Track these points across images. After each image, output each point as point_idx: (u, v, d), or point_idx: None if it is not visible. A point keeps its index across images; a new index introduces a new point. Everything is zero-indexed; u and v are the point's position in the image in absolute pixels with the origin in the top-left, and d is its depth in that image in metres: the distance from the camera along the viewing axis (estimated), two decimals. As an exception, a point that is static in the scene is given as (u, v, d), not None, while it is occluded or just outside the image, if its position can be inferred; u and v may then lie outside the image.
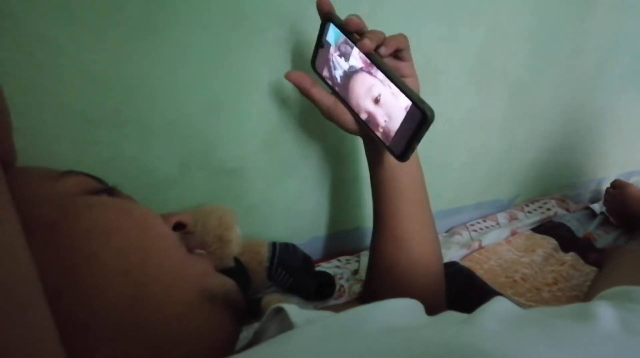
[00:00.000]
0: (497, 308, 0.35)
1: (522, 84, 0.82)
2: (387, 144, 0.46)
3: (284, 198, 0.66)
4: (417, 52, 0.50)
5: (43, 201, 0.31)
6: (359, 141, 0.69)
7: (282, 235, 0.67)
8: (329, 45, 0.47)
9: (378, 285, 0.56)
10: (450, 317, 0.35)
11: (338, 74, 0.48)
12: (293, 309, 0.37)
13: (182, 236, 0.39)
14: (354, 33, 0.45)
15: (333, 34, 0.46)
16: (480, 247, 0.79)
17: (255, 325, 0.39)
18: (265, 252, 0.59)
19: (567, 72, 0.88)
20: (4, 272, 0.16)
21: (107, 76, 0.47)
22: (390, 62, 0.47)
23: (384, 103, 0.44)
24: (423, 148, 0.54)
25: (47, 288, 0.26)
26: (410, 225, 0.54)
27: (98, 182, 0.37)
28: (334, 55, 0.47)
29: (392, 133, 0.45)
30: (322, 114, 0.50)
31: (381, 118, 0.46)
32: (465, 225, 0.87)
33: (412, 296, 0.45)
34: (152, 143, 0.52)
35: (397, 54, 0.47)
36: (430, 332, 0.29)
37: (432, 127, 0.42)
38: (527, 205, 0.96)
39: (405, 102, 0.42)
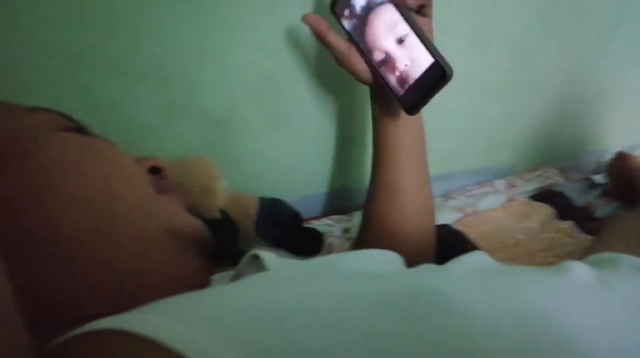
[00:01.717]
0: (473, 259, 0.34)
1: (524, 48, 0.79)
2: (399, 95, 0.45)
3: (273, 152, 0.64)
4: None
5: (9, 132, 0.31)
6: (356, 98, 0.67)
7: (273, 191, 0.66)
8: None
9: (369, 237, 0.56)
10: (426, 267, 0.34)
11: (359, 4, 0.47)
12: (269, 256, 0.36)
13: (155, 180, 0.38)
14: None
15: None
16: (475, 212, 0.78)
17: (232, 272, 0.39)
18: (253, 206, 0.58)
19: (572, 37, 0.84)
20: None
21: (87, 13, 0.44)
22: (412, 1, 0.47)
23: (409, 44, 0.43)
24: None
25: (10, 213, 0.25)
26: (407, 177, 0.54)
27: (68, 120, 0.36)
28: None
29: (407, 84, 0.44)
30: (336, 60, 0.49)
31: (401, 61, 0.44)
32: (461, 190, 0.86)
33: (401, 251, 0.44)
34: (132, 86, 0.50)
35: (420, 10, 0.47)
36: (397, 277, 0.29)
37: None
38: (526, 173, 0.94)
39: (427, 57, 0.42)
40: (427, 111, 0.60)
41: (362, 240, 0.57)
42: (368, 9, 0.46)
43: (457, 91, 0.76)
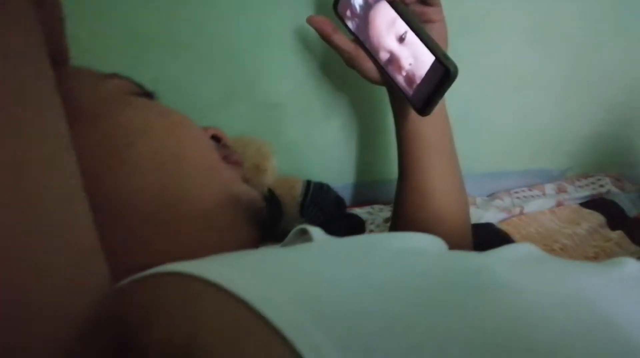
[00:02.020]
0: (522, 248, 0.34)
1: (587, 48, 0.76)
2: (409, 96, 0.44)
3: (323, 139, 0.66)
4: (473, 4, 0.47)
5: (87, 95, 0.34)
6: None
7: (318, 175, 0.68)
8: None
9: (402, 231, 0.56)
10: (473, 252, 0.35)
11: (358, 3, 0.46)
12: (317, 231, 0.38)
13: (218, 147, 0.40)
14: None
15: None
16: (521, 213, 0.77)
17: (277, 245, 0.41)
18: (299, 188, 0.60)
19: (637, 38, 0.80)
20: (50, 152, 0.17)
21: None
22: (416, 7, 0.45)
23: (410, 42, 0.42)
24: (472, 104, 0.52)
25: (86, 171, 0.28)
26: (433, 177, 0.53)
27: (139, 87, 0.39)
28: None
29: (415, 84, 0.42)
30: (344, 61, 0.49)
31: (406, 60, 0.43)
32: (509, 191, 0.84)
33: None
34: (199, 67, 0.53)
35: (424, 0, 0.45)
36: (448, 256, 0.29)
37: (481, 85, 0.41)
38: (578, 179, 0.91)
39: (429, 56, 0.40)
40: (481, 106, 0.60)
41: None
42: (367, 7, 0.45)
43: (513, 88, 0.75)
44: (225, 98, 0.57)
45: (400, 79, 0.44)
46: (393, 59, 0.45)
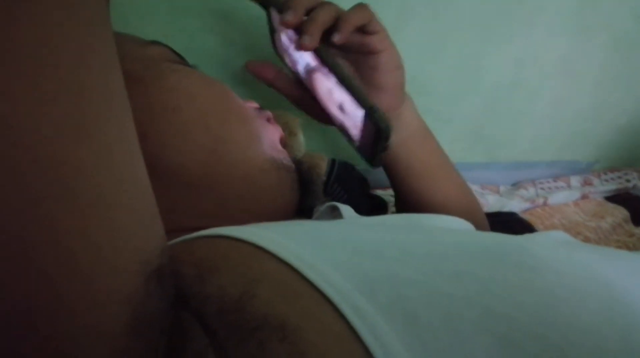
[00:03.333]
0: (555, 234, 0.34)
1: (628, 39, 0.74)
2: (357, 146, 0.41)
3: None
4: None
5: (133, 59, 0.34)
6: (433, 73, 0.66)
7: (343, 155, 0.68)
8: (280, 31, 0.39)
9: None
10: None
11: (299, 68, 0.41)
12: (346, 209, 0.38)
13: (259, 112, 0.41)
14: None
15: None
16: (545, 204, 0.76)
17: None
18: (324, 166, 0.60)
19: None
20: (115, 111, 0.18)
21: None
22: (356, 38, 0.39)
23: (348, 112, 0.38)
24: (502, 91, 0.50)
25: (140, 132, 0.29)
26: (424, 196, 0.50)
27: (179, 57, 0.39)
28: (289, 45, 0.39)
29: (358, 139, 0.39)
30: (293, 105, 0.46)
31: (352, 130, 0.40)
32: (534, 181, 0.83)
33: None
34: (233, 37, 0.53)
35: (363, 29, 0.38)
36: (484, 234, 0.29)
37: (515, 70, 0.39)
38: (605, 173, 0.89)
39: (359, 111, 0.36)
40: (515, 93, 0.59)
41: None
42: (307, 74, 0.41)
43: (546, 75, 0.73)
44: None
45: (348, 132, 0.41)
46: (341, 125, 0.41)
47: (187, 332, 0.16)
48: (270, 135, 0.40)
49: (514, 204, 0.73)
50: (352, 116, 0.38)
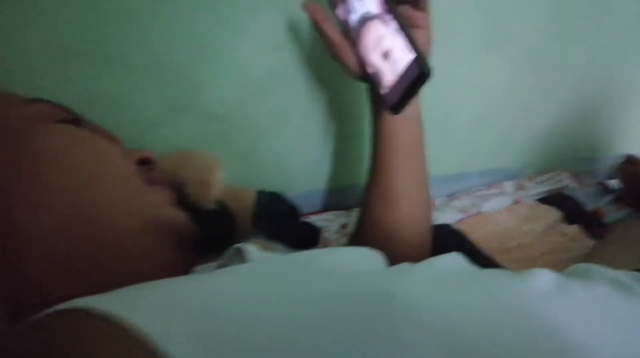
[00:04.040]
0: (444, 261, 0.35)
1: (537, 49, 0.78)
2: (383, 94, 0.45)
3: (276, 147, 0.66)
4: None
5: (6, 118, 0.33)
6: (359, 96, 0.67)
7: (273, 185, 0.67)
8: None
9: (363, 239, 0.56)
10: (394, 268, 0.35)
11: (353, 18, 0.48)
12: (252, 250, 0.37)
13: (144, 170, 0.40)
14: None
15: None
16: (479, 213, 0.78)
17: (214, 264, 0.40)
18: (250, 200, 0.59)
19: (588, 41, 0.82)
20: None
21: (91, 8, 0.46)
22: (406, 10, 0.46)
23: (393, 59, 0.43)
24: (425, 108, 0.53)
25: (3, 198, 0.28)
26: (403, 180, 0.54)
27: (65, 112, 0.38)
28: None
29: (391, 83, 0.44)
30: (329, 52, 0.50)
31: (386, 76, 0.45)
32: (468, 191, 0.85)
33: (394, 251, 0.45)
34: (136, 80, 0.52)
35: (417, 2, 0.46)
36: (354, 279, 0.30)
37: (436, 88, 0.42)
38: (537, 176, 0.92)
39: (408, 56, 0.41)
40: (434, 108, 0.61)
41: (357, 239, 0.57)
42: (361, 20, 0.47)
43: (466, 90, 0.75)
44: (169, 112, 0.56)
45: (378, 77, 0.46)
46: (376, 72, 0.46)
47: None
48: (152, 195, 0.39)
49: (447, 216, 0.74)
50: (395, 61, 0.43)
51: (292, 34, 0.58)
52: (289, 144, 0.67)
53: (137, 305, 0.21)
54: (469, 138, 0.83)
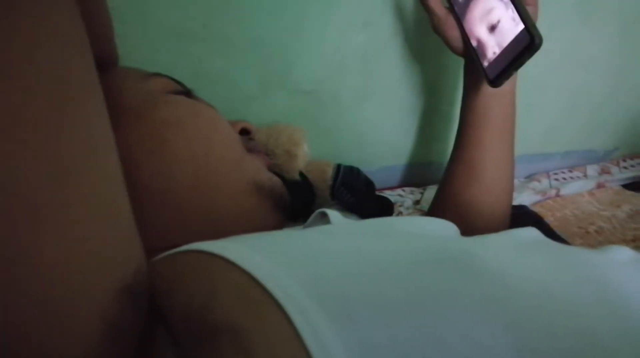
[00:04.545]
0: (522, 233, 0.36)
1: (634, 21, 0.73)
2: (484, 66, 0.47)
3: (356, 123, 0.69)
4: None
5: (133, 93, 0.38)
6: (440, 73, 0.68)
7: (352, 160, 0.71)
8: None
9: (440, 213, 0.58)
10: (477, 236, 0.37)
11: None
12: (334, 214, 0.41)
13: (245, 140, 0.45)
14: None
15: None
16: (557, 195, 0.76)
17: (299, 227, 0.45)
18: (330, 171, 0.63)
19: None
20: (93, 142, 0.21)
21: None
22: None
23: (500, 31, 0.44)
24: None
25: (131, 161, 0.33)
26: (489, 155, 0.55)
27: (179, 85, 0.44)
28: None
29: (495, 55, 0.45)
30: (432, 25, 0.52)
31: (490, 49, 0.46)
32: (548, 173, 0.83)
33: (471, 230, 0.46)
34: (236, 59, 0.57)
35: None
36: (439, 240, 0.32)
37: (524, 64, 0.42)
38: (624, 160, 0.88)
39: (518, 27, 0.42)
40: (523, 85, 0.60)
41: (434, 213, 0.59)
42: None
43: (557, 63, 0.73)
44: (262, 88, 0.61)
45: (481, 50, 0.48)
46: (479, 46, 0.48)
47: (155, 338, 0.20)
48: (253, 161, 0.44)
49: (525, 198, 0.74)
50: (503, 33, 0.44)
51: (380, 12, 0.60)
52: (368, 121, 0.70)
53: (245, 250, 0.24)
54: (556, 116, 0.80)
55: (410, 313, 0.22)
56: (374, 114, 0.69)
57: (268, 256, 0.24)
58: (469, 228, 0.44)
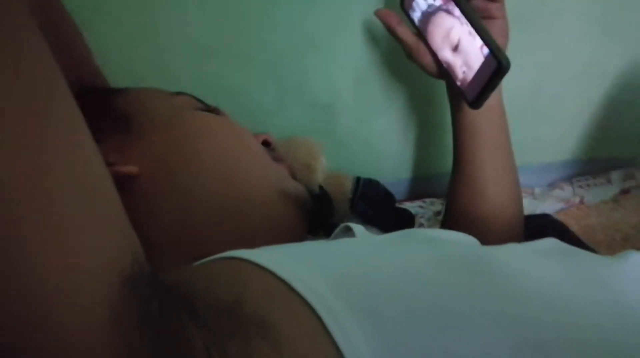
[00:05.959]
0: (543, 243, 0.36)
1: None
2: (462, 89, 0.46)
3: (371, 136, 0.69)
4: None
5: (161, 107, 0.41)
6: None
7: (367, 172, 0.71)
8: None
9: (453, 228, 0.57)
10: (496, 245, 0.37)
11: (417, 15, 0.49)
12: (359, 228, 0.42)
13: (269, 151, 0.47)
14: None
15: None
16: (581, 203, 0.75)
17: (324, 240, 0.45)
18: (349, 184, 0.63)
19: None
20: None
21: (224, 10, 0.53)
22: (479, 3, 0.46)
23: (463, 50, 0.44)
24: (530, 94, 0.52)
25: (166, 172, 0.37)
26: (487, 170, 0.54)
27: (202, 103, 0.45)
28: None
29: (468, 78, 0.45)
30: (405, 53, 0.51)
31: (459, 69, 0.45)
32: (571, 179, 0.82)
33: (485, 241, 0.46)
34: (256, 75, 0.58)
35: (489, 10, 0.46)
36: (462, 245, 0.32)
37: (542, 74, 0.42)
38: (649, 166, 0.86)
39: (478, 44, 0.42)
40: (540, 97, 0.59)
41: (447, 228, 0.59)
42: (428, 14, 0.47)
43: (574, 78, 0.72)
44: (280, 102, 0.61)
45: (451, 71, 0.47)
46: (449, 67, 0.47)
47: (184, 328, 0.20)
48: (278, 169, 0.46)
49: (547, 206, 0.73)
50: (467, 54, 0.43)
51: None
52: (384, 133, 0.70)
53: (275, 256, 0.26)
54: (573, 125, 0.79)
55: (434, 313, 0.23)
56: (390, 126, 0.69)
57: (296, 260, 0.25)
58: (482, 241, 0.44)
